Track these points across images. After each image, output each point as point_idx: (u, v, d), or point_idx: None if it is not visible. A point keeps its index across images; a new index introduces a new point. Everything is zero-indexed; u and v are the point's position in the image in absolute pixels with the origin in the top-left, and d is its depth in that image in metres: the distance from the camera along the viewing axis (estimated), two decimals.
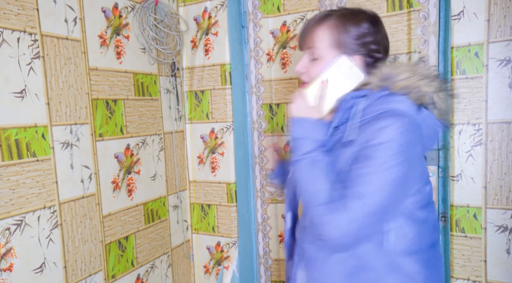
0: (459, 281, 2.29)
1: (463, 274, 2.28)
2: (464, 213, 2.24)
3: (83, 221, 2.13)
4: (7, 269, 1.77)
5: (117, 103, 2.35)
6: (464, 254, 2.27)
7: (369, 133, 1.30)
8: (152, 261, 2.67)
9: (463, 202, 2.24)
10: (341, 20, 1.43)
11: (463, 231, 2.26)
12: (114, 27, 2.33)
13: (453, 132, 2.23)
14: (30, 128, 1.86)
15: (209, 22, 2.84)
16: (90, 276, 2.18)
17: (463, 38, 2.17)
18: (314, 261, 1.46)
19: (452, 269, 2.29)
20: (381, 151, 1.28)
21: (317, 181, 1.35)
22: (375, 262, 1.36)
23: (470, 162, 2.21)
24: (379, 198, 1.27)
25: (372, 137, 1.29)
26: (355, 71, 1.39)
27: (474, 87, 2.17)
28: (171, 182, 2.86)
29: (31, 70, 1.86)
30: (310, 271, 1.48)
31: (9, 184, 1.78)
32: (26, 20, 1.84)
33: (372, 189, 1.27)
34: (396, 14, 2.36)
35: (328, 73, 1.41)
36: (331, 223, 1.29)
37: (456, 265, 2.29)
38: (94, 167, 2.20)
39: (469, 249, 2.26)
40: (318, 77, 1.43)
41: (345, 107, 1.42)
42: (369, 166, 1.28)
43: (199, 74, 2.92)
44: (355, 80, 1.40)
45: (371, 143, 1.29)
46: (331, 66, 1.41)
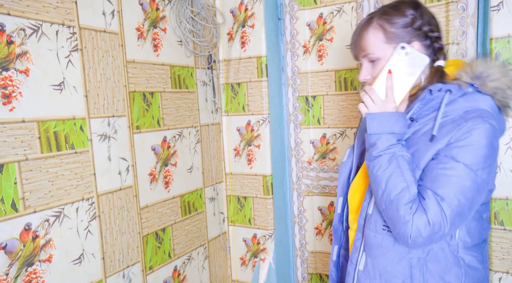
0: (498, 274, 2.25)
1: (502, 267, 2.24)
2: (503, 205, 2.20)
3: (120, 213, 2.15)
4: (46, 260, 1.80)
5: (154, 95, 2.36)
6: (503, 247, 2.23)
7: (457, 133, 1.30)
8: (189, 253, 2.69)
9: (502, 195, 2.20)
10: (385, 17, 1.44)
11: (502, 224, 2.22)
12: (151, 19, 2.34)
13: None
14: (69, 120, 1.88)
15: (245, 14, 2.83)
16: (127, 268, 2.20)
17: (503, 29, 2.13)
18: (378, 249, 1.46)
19: (491, 262, 2.25)
20: (468, 153, 1.28)
21: (398, 178, 1.33)
22: (441, 255, 1.38)
23: (509, 154, 2.17)
24: (462, 201, 1.27)
25: (459, 138, 1.29)
26: (417, 55, 1.37)
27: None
28: (208, 174, 2.87)
29: (70, 63, 1.88)
30: (372, 258, 1.48)
31: (48, 175, 1.80)
32: (65, 13, 1.85)
33: (455, 191, 1.27)
34: (434, 6, 2.31)
35: (390, 63, 1.40)
36: (412, 224, 1.28)
37: (495, 258, 2.25)
38: (132, 159, 2.22)
39: (508, 242, 2.22)
40: (383, 69, 1.41)
41: (426, 98, 1.41)
42: (454, 168, 1.28)
43: (236, 67, 2.91)
44: (420, 64, 1.38)
45: (458, 143, 1.29)
46: (392, 56, 1.39)
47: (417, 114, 1.44)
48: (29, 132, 1.72)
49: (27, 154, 1.71)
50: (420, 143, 1.38)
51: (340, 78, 2.74)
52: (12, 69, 1.65)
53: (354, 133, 1.91)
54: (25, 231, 1.71)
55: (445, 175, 1.28)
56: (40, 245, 1.77)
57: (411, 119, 1.45)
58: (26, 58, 1.70)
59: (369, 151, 1.41)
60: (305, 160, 2.95)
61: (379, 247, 1.45)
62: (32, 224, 1.73)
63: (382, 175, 1.35)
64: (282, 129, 2.96)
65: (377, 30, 1.43)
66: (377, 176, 1.37)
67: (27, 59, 1.70)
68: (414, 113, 1.45)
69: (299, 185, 2.99)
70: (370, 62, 1.47)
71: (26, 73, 1.70)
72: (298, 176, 2.99)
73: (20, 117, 1.68)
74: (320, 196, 2.94)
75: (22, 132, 1.69)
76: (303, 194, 2.98)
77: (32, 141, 1.73)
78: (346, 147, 2.77)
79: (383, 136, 1.37)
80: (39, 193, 1.76)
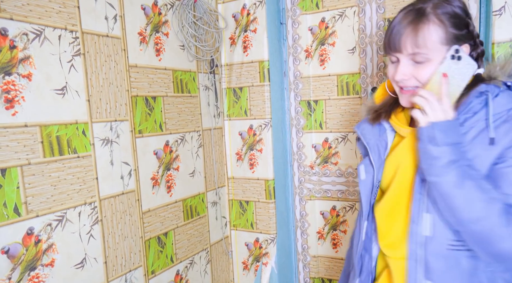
0: None
1: None
2: None
3: (123, 217, 2.15)
4: (48, 265, 1.80)
5: (156, 100, 2.37)
6: None
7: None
8: (191, 257, 2.69)
9: None
10: (445, 11, 1.33)
11: None
12: (153, 24, 2.35)
13: None
14: (71, 125, 1.88)
15: (247, 19, 2.84)
16: (130, 272, 2.20)
17: (505, 33, 2.12)
18: (448, 272, 1.33)
19: None
20: None
21: (477, 191, 1.21)
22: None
23: None
24: None
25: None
26: (468, 60, 1.30)
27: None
28: (210, 178, 2.87)
29: (72, 67, 1.88)
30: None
31: (50, 180, 1.80)
32: (67, 18, 1.86)
33: None
34: None
35: (444, 66, 1.30)
36: (507, 235, 1.18)
37: None
38: (134, 163, 2.22)
39: None
40: (436, 73, 1.31)
41: (469, 101, 1.32)
42: None
43: (238, 71, 2.92)
44: (471, 70, 1.30)
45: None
46: (445, 59, 1.30)
47: (464, 118, 1.33)
48: (32, 136, 1.72)
49: (30, 158, 1.71)
50: (477, 148, 1.27)
51: (342, 82, 2.74)
52: (15, 73, 1.65)
53: (356, 140, 1.80)
54: (28, 236, 1.71)
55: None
56: (42, 249, 1.77)
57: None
58: (29, 63, 1.70)
59: (433, 165, 1.26)
60: (307, 164, 2.95)
61: (449, 270, 1.32)
62: (34, 228, 1.73)
63: (459, 192, 1.22)
64: (284, 133, 2.96)
65: (437, 27, 1.31)
66: (450, 193, 1.23)
67: (29, 64, 1.71)
68: (462, 118, 1.34)
69: (301, 189, 2.99)
70: (416, 62, 1.35)
71: (28, 78, 1.70)
72: (300, 180, 2.99)
73: (22, 121, 1.68)
74: (322, 200, 2.93)
75: (25, 137, 1.69)
76: (305, 198, 2.98)
77: (34, 145, 1.73)
78: (349, 151, 2.77)
79: (451, 148, 1.24)
80: (42, 197, 1.76)
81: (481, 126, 1.29)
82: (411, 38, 1.32)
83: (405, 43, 1.33)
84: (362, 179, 1.56)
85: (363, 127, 1.60)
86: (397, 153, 1.48)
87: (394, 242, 1.46)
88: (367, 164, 1.56)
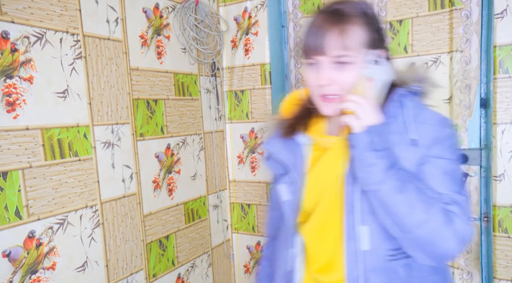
0: (502, 282, 2.24)
1: (506, 275, 2.23)
2: (507, 213, 2.19)
3: (124, 220, 2.15)
4: (50, 268, 1.79)
5: (157, 103, 2.36)
6: (507, 255, 2.22)
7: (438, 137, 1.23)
8: (193, 260, 2.68)
9: (506, 202, 2.19)
10: (364, 15, 1.27)
11: (506, 232, 2.21)
12: (155, 27, 2.35)
13: (495, 132, 2.18)
14: (72, 128, 1.88)
15: (249, 22, 2.84)
16: (131, 275, 2.20)
17: (506, 37, 2.12)
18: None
19: (495, 270, 2.24)
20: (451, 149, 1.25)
21: (418, 192, 1.17)
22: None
23: None
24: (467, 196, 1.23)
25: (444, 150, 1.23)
26: (385, 65, 1.25)
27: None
28: (211, 181, 2.86)
29: (73, 70, 1.88)
30: None
31: (52, 183, 1.80)
32: (69, 21, 1.86)
33: (462, 188, 1.22)
34: (438, 13, 2.32)
35: (369, 71, 1.23)
36: (455, 235, 1.15)
37: (499, 266, 2.24)
38: (135, 166, 2.22)
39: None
40: (361, 76, 1.23)
41: (389, 106, 1.27)
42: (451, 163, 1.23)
43: (239, 74, 2.92)
44: (389, 74, 1.25)
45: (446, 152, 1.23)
46: (369, 63, 1.23)
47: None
48: (33, 139, 1.72)
49: (31, 161, 1.71)
50: (401, 150, 1.24)
51: None
52: (16, 77, 1.65)
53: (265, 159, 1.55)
54: (29, 239, 1.71)
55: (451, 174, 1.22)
56: (43, 252, 1.77)
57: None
58: (30, 66, 1.70)
59: (371, 172, 1.19)
60: None
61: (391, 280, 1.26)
62: (36, 231, 1.73)
63: (400, 197, 1.16)
64: None
65: (362, 30, 1.25)
66: (392, 199, 1.17)
67: (31, 67, 1.71)
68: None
69: None
70: (339, 64, 1.24)
71: (30, 81, 1.70)
72: None
73: (24, 125, 1.68)
74: None
75: (26, 140, 1.69)
76: None
77: (36, 149, 1.73)
78: None
79: (388, 152, 1.19)
80: (43, 201, 1.76)
81: (401, 129, 1.25)
82: (336, 39, 1.22)
83: (329, 45, 1.22)
84: (285, 200, 1.41)
85: (274, 144, 1.46)
86: (320, 167, 1.37)
87: (328, 265, 1.36)
88: (288, 182, 1.41)
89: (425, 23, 2.33)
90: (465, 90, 2.28)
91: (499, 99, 2.15)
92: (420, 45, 2.36)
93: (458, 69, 2.29)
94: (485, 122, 2.22)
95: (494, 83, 2.16)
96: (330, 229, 1.33)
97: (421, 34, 2.35)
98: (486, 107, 2.21)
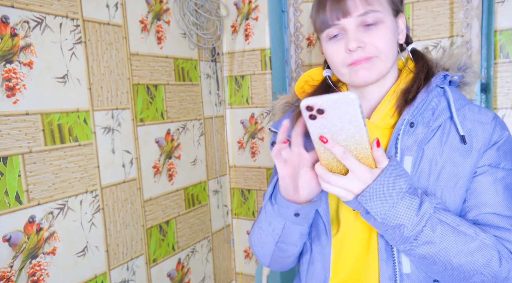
0: None
1: None
2: None
3: (124, 206, 2.15)
4: (50, 253, 1.80)
5: (157, 88, 2.36)
6: None
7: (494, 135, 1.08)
8: (193, 245, 2.69)
9: None
10: None
11: None
12: (155, 12, 2.34)
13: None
14: (73, 113, 1.88)
15: (249, 7, 2.83)
16: (131, 260, 2.20)
17: (507, 21, 2.12)
18: None
19: None
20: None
21: (461, 243, 0.98)
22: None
23: None
24: None
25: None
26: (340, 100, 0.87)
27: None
28: (211, 166, 2.87)
29: (73, 55, 1.88)
30: None
31: (52, 168, 1.80)
32: (69, 6, 1.85)
33: None
34: None
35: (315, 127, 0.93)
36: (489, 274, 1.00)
37: None
38: (135, 151, 2.22)
39: None
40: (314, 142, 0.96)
41: (429, 98, 1.10)
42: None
43: (239, 59, 2.91)
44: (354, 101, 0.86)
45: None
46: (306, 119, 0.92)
47: (418, 117, 1.10)
48: (33, 125, 1.72)
49: (31, 146, 1.71)
50: (453, 154, 1.07)
51: None
52: (16, 61, 1.64)
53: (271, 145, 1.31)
54: (29, 224, 1.71)
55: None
56: (44, 237, 1.77)
57: (411, 124, 1.09)
58: (30, 51, 1.70)
59: (396, 233, 0.98)
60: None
61: None
62: (36, 216, 1.74)
63: (440, 253, 0.99)
64: None
65: None
66: (431, 257, 1.00)
67: (31, 52, 1.70)
68: (414, 115, 1.10)
69: None
70: (365, 26, 1.08)
71: (30, 66, 1.70)
72: None
73: (24, 109, 1.68)
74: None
75: (26, 125, 1.69)
76: None
77: (36, 134, 1.73)
78: None
79: (397, 208, 0.95)
80: (43, 186, 1.76)
81: (445, 126, 1.10)
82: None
83: (354, 2, 1.05)
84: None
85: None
86: None
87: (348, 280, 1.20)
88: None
89: (426, 8, 2.32)
90: None
91: (499, 84, 2.15)
92: (420, 30, 2.35)
93: None
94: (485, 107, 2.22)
95: (495, 68, 2.15)
96: (354, 239, 1.17)
97: (422, 19, 2.34)
98: (486, 92, 2.20)
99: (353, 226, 1.17)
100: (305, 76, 1.35)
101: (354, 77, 1.11)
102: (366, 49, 1.07)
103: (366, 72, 1.09)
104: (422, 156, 1.08)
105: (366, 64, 1.08)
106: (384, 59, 1.09)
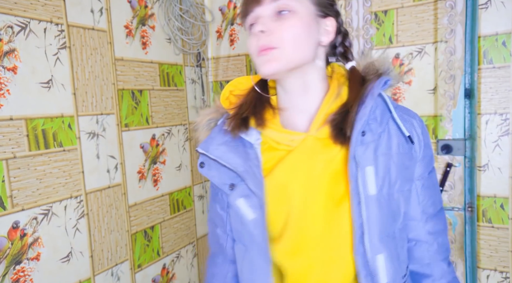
0: (486, 271, 2.27)
1: (490, 265, 2.25)
2: (491, 203, 2.21)
3: (109, 211, 2.15)
4: (34, 258, 1.79)
5: (142, 93, 2.36)
6: (491, 244, 2.24)
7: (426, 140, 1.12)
8: (178, 250, 2.68)
9: (490, 192, 2.22)
10: None
11: (490, 221, 2.23)
12: (139, 17, 2.34)
13: (480, 122, 2.20)
14: (57, 118, 1.87)
15: (234, 12, 2.83)
16: (116, 266, 2.20)
17: (491, 27, 2.14)
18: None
19: (479, 259, 2.26)
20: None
21: None
22: None
23: (497, 152, 2.19)
24: None
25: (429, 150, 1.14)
26: None
27: (501, 76, 2.14)
28: (196, 172, 2.86)
29: (58, 60, 1.87)
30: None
31: (36, 173, 1.79)
32: (53, 11, 1.85)
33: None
34: (423, 4, 2.32)
35: None
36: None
37: (483, 255, 2.26)
38: (120, 157, 2.21)
39: (496, 239, 2.23)
40: None
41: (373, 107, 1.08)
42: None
43: (224, 65, 2.91)
44: None
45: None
46: None
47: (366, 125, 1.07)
48: (17, 130, 1.71)
49: (15, 151, 1.70)
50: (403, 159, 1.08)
51: None
52: (0, 66, 1.64)
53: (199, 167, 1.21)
54: (13, 229, 1.70)
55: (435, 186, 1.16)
56: (28, 243, 1.76)
57: (363, 133, 1.05)
58: (14, 56, 1.69)
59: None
60: None
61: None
62: (20, 222, 1.73)
63: None
64: None
65: None
66: None
67: (15, 57, 1.69)
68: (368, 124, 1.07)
69: None
70: (278, 15, 1.04)
71: (14, 71, 1.69)
72: None
73: (8, 115, 1.67)
74: None
75: (10, 130, 1.68)
76: None
77: (20, 139, 1.72)
78: None
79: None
80: (27, 191, 1.75)
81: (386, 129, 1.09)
82: None
83: None
84: (251, 218, 1.10)
85: (216, 145, 1.18)
86: (286, 171, 1.11)
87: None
88: (247, 195, 1.11)
89: (410, 14, 2.34)
90: (449, 80, 2.29)
91: (483, 90, 2.17)
92: (405, 35, 2.37)
93: (442, 60, 2.29)
94: (469, 113, 2.23)
95: (479, 73, 2.17)
96: (313, 253, 1.09)
97: (406, 25, 2.35)
98: (470, 97, 2.22)
99: None
100: (230, 86, 1.30)
101: (259, 69, 1.07)
102: (271, 38, 1.03)
103: (267, 64, 1.04)
104: (378, 163, 1.05)
105: (268, 56, 1.03)
106: (288, 52, 1.04)
